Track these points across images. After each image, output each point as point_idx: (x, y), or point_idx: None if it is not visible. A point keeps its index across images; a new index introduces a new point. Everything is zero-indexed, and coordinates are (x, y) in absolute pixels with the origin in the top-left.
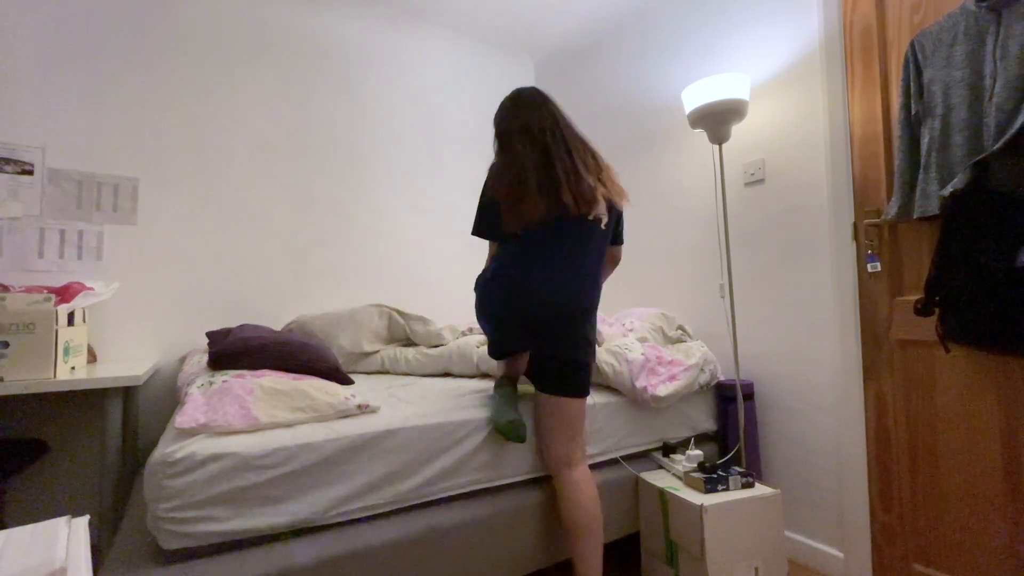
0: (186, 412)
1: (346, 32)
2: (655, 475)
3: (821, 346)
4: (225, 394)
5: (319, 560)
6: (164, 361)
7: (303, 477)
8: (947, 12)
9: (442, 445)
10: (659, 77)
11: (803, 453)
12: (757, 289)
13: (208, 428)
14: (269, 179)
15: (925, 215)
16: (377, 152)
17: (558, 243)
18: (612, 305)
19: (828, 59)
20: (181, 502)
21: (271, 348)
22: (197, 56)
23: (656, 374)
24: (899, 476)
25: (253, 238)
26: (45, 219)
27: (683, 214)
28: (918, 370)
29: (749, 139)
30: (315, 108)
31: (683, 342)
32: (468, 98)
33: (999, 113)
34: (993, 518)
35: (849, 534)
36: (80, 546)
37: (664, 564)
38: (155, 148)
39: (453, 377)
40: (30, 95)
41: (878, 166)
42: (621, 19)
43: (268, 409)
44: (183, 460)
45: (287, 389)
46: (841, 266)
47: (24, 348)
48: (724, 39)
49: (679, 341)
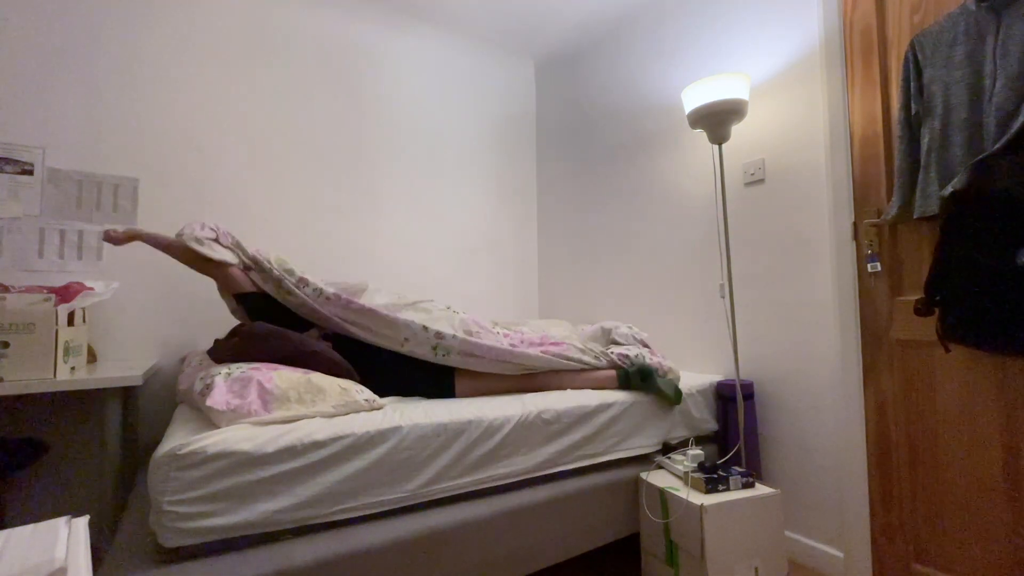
0: (215, 396)
1: (346, 32)
2: (655, 475)
3: (821, 346)
4: (248, 382)
5: (319, 560)
6: (164, 361)
7: (309, 475)
8: (947, 12)
9: (446, 444)
10: (659, 77)
11: (803, 453)
12: (757, 289)
13: (237, 412)
14: (269, 179)
15: (925, 215)
16: (378, 153)
17: None
18: (611, 305)
19: (828, 59)
20: (187, 495)
21: (289, 344)
22: (197, 56)
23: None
24: (899, 476)
25: (253, 238)
26: (45, 219)
27: (683, 214)
28: (918, 370)
29: (749, 139)
30: (315, 108)
31: (620, 344)
32: (469, 99)
33: (999, 113)
34: (993, 518)
35: (849, 534)
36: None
37: (664, 564)
38: (155, 148)
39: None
40: (30, 95)
41: (878, 166)
42: (621, 20)
43: (284, 401)
44: (192, 454)
45: (301, 381)
46: (841, 266)
47: (24, 348)
48: (724, 39)
49: (615, 343)
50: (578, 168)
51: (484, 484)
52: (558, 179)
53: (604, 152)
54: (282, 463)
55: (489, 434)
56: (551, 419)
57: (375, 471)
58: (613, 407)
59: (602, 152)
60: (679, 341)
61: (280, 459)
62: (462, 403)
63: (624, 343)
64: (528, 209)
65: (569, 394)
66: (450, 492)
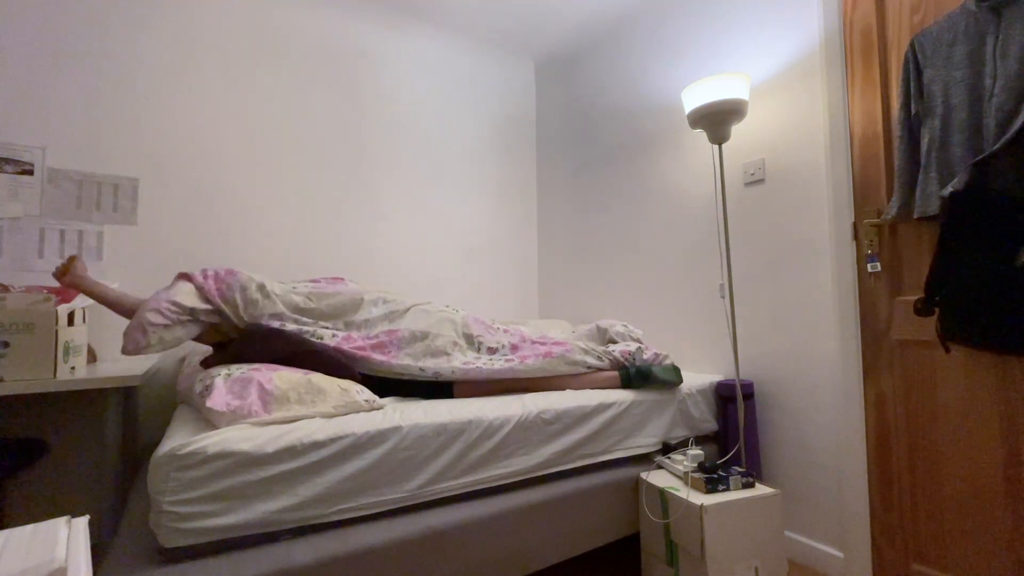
0: (215, 397)
1: (346, 33)
2: (655, 475)
3: (821, 346)
4: (248, 382)
5: (319, 560)
6: (164, 361)
7: (309, 475)
8: (947, 12)
9: (446, 444)
10: (659, 77)
11: (803, 453)
12: (757, 289)
13: (236, 413)
14: (269, 179)
15: (925, 215)
16: (377, 153)
17: None
18: (611, 305)
19: (828, 59)
20: (187, 496)
21: (289, 344)
22: (197, 56)
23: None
24: (899, 476)
25: (253, 238)
26: (45, 219)
27: (683, 214)
28: (918, 370)
29: (749, 139)
30: (315, 108)
31: (615, 342)
32: (469, 99)
33: (999, 113)
34: (993, 518)
35: (849, 534)
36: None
37: (664, 564)
38: (155, 148)
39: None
40: (30, 95)
41: (878, 166)
42: (621, 20)
43: (284, 401)
44: (192, 454)
45: (301, 382)
46: (841, 266)
47: (24, 348)
48: (724, 39)
49: (612, 342)
50: (578, 168)
51: (484, 484)
52: (558, 179)
53: (604, 152)
54: (282, 463)
55: (489, 434)
56: (551, 419)
57: (375, 471)
58: (613, 407)
59: (602, 152)
60: (679, 341)
61: (280, 459)
62: (462, 403)
63: (620, 341)
64: (528, 209)
65: (569, 394)
66: (450, 492)
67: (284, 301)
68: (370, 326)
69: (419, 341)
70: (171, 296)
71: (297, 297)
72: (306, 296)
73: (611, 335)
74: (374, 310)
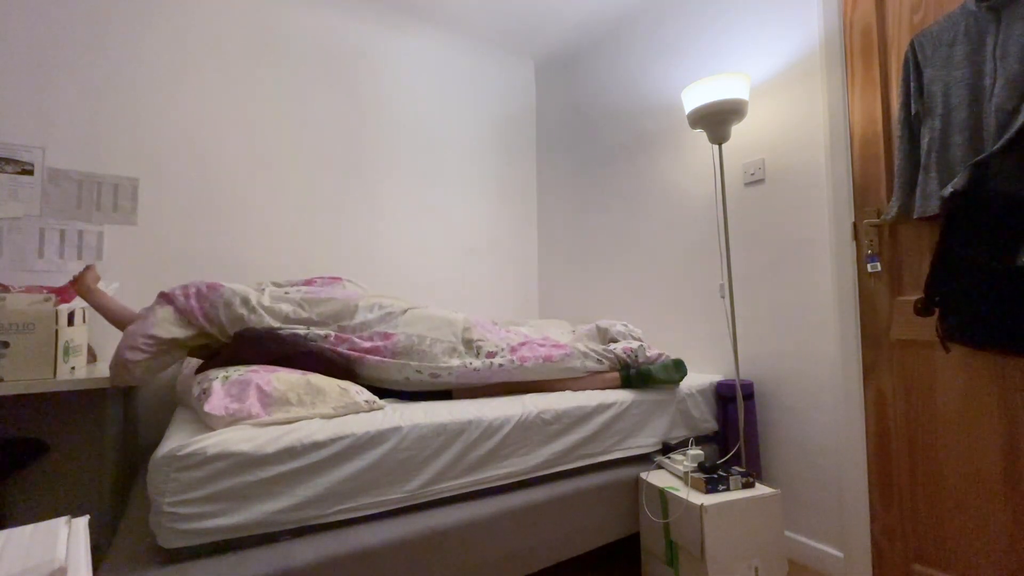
0: (213, 401)
1: (346, 32)
2: (655, 475)
3: (821, 346)
4: (247, 385)
5: (319, 560)
6: None
7: (309, 475)
8: (947, 12)
9: (445, 444)
10: (659, 77)
11: (803, 453)
12: (757, 289)
13: (235, 416)
14: (269, 179)
15: (925, 215)
16: (377, 152)
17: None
18: (611, 304)
19: (828, 59)
20: (187, 496)
21: (284, 345)
22: (197, 56)
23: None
24: (899, 476)
25: (253, 238)
26: (45, 219)
27: (683, 214)
28: (918, 370)
29: (749, 139)
30: (315, 108)
31: (616, 341)
32: (469, 99)
33: (999, 113)
34: (993, 518)
35: (849, 534)
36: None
37: (664, 564)
38: (155, 148)
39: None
40: (30, 95)
41: (878, 166)
42: (621, 20)
43: (283, 403)
44: (192, 455)
45: (300, 383)
46: (841, 266)
47: (24, 348)
48: (724, 39)
49: (612, 341)
50: (578, 168)
51: (484, 484)
52: (558, 179)
53: (604, 152)
54: (282, 464)
55: (489, 434)
56: (551, 419)
57: (375, 471)
58: (613, 407)
59: (602, 152)
60: (679, 341)
61: (280, 460)
62: (462, 403)
63: (621, 340)
64: (528, 209)
65: (569, 394)
66: (450, 492)
67: (272, 313)
68: (364, 329)
69: (415, 348)
70: (146, 330)
71: (287, 307)
72: (297, 304)
73: (612, 335)
74: (369, 315)
